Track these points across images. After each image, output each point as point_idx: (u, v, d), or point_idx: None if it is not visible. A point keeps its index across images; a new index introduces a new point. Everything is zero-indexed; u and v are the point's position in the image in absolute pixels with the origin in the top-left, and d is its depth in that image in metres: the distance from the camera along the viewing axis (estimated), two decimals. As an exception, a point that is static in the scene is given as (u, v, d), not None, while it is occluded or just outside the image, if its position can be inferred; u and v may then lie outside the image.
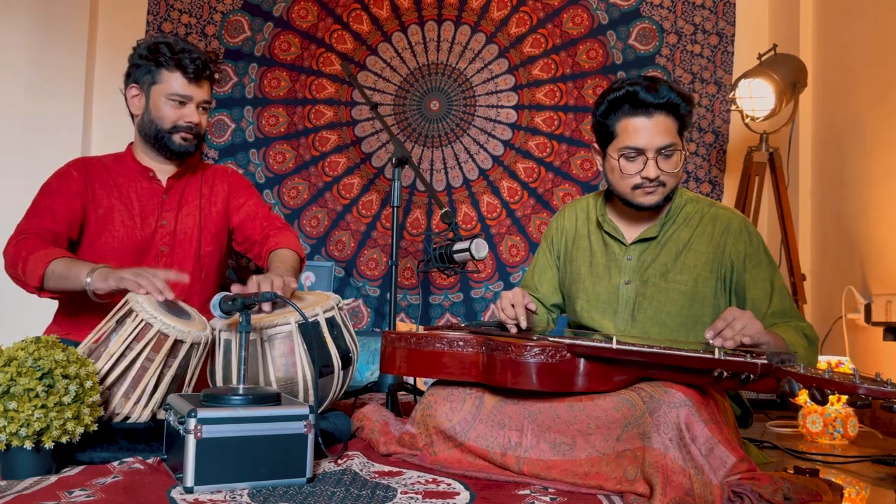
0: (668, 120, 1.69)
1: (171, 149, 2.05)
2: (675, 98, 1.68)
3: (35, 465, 1.38)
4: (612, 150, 1.75)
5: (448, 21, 3.60)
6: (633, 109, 1.69)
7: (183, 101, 2.02)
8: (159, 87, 2.01)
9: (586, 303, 1.87)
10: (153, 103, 2.02)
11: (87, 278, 1.75)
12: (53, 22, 3.38)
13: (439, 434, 1.62)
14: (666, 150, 1.69)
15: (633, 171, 1.72)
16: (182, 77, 2.00)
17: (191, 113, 2.03)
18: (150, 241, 2.06)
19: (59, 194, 2.00)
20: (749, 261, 1.75)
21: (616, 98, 1.71)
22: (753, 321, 1.46)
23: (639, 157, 1.71)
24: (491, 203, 3.53)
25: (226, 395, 1.44)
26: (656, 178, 1.70)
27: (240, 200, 2.20)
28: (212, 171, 2.23)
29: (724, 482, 1.31)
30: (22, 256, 1.84)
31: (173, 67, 1.99)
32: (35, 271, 1.81)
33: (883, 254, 2.44)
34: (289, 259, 2.05)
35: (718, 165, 3.44)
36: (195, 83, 2.02)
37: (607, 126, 1.74)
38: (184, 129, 2.03)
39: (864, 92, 2.65)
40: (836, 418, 2.13)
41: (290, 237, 2.15)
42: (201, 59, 2.02)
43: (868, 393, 1.17)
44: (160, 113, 2.02)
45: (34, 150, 3.25)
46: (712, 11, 3.46)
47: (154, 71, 2.00)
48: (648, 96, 1.67)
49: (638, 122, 1.69)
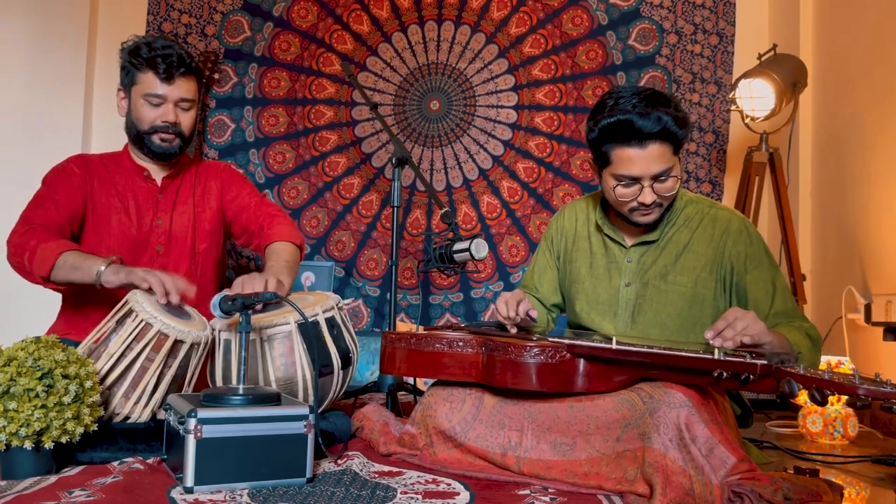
0: (662, 147, 1.65)
1: (151, 150, 2.04)
2: (670, 125, 1.62)
3: (35, 465, 1.38)
4: (608, 175, 1.73)
5: (448, 21, 3.60)
6: (627, 139, 1.65)
7: (159, 101, 2.01)
8: (137, 88, 2.01)
9: (586, 304, 1.87)
10: (133, 105, 2.03)
11: (101, 268, 1.76)
12: (54, 21, 3.38)
13: (439, 434, 1.62)
14: (661, 175, 1.67)
15: (630, 197, 1.71)
16: (154, 76, 1.99)
17: (167, 112, 2.01)
18: (146, 240, 2.06)
19: (61, 187, 2.01)
20: (750, 262, 1.74)
21: (608, 126, 1.66)
22: (756, 321, 1.45)
23: (634, 185, 1.69)
24: (491, 203, 3.53)
25: (226, 395, 1.44)
26: (653, 203, 1.70)
27: (232, 194, 2.20)
28: (205, 167, 2.22)
29: (724, 482, 1.31)
30: (31, 246, 1.84)
31: (146, 68, 1.99)
32: (45, 261, 1.81)
33: (883, 254, 2.44)
34: (284, 253, 2.05)
35: (718, 165, 3.44)
36: (167, 82, 1.99)
37: (602, 151, 1.72)
38: (161, 129, 2.02)
39: (864, 92, 2.65)
40: (836, 418, 2.13)
41: (284, 228, 2.13)
42: (174, 57, 1.99)
43: (868, 393, 1.17)
44: (138, 114, 2.02)
45: (34, 148, 3.25)
46: (712, 11, 3.46)
47: (133, 73, 2.01)
48: (643, 124, 1.61)
49: (632, 152, 1.65)
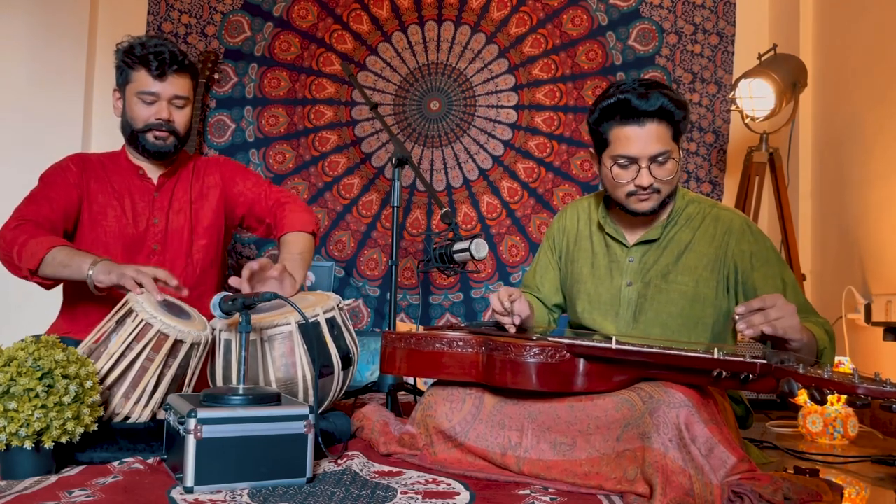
0: (660, 127, 1.66)
1: (146, 148, 2.05)
2: (667, 105, 1.65)
3: (35, 465, 1.38)
4: (606, 158, 1.74)
5: (448, 21, 3.60)
6: (625, 118, 1.67)
7: (152, 99, 2.01)
8: (130, 87, 2.02)
9: (588, 304, 1.86)
10: (127, 103, 2.04)
11: (90, 270, 1.75)
12: (54, 19, 3.38)
13: (439, 434, 1.62)
14: (659, 157, 1.68)
15: (627, 179, 1.71)
16: (147, 74, 2.00)
17: (160, 110, 2.01)
18: (142, 238, 2.07)
19: (57, 185, 2.01)
20: (756, 259, 1.73)
21: (608, 106, 1.69)
22: (793, 315, 1.40)
23: (632, 166, 1.69)
24: (491, 203, 3.53)
25: (226, 395, 1.44)
26: (650, 186, 1.69)
27: (238, 187, 2.19)
28: (202, 163, 2.22)
29: (724, 482, 1.31)
30: (20, 241, 1.84)
31: (139, 66, 2.00)
32: (34, 255, 1.81)
33: (883, 254, 2.44)
34: (298, 244, 2.05)
35: (718, 165, 3.44)
36: (160, 79, 2.00)
37: (601, 133, 1.73)
38: (155, 126, 2.02)
39: (864, 92, 2.65)
40: (836, 418, 2.13)
41: (296, 216, 2.13)
42: (167, 54, 1.99)
43: (867, 393, 1.17)
44: (133, 113, 2.03)
45: (34, 146, 3.25)
46: (712, 11, 3.46)
47: (126, 72, 2.02)
48: (640, 104, 1.64)
49: (630, 130, 1.67)
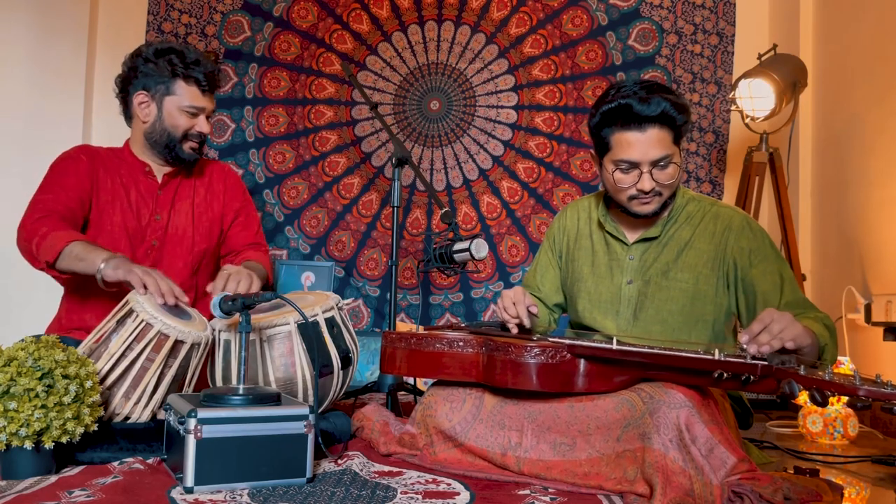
0: (662, 132, 1.66)
1: (180, 157, 2.09)
2: (669, 110, 1.64)
3: (35, 465, 1.38)
4: (608, 161, 1.73)
5: (448, 21, 3.59)
6: (626, 123, 1.66)
7: (196, 112, 2.07)
8: (174, 99, 2.05)
9: (588, 303, 1.87)
10: (167, 113, 2.06)
11: (102, 264, 1.77)
12: (54, 20, 3.38)
13: (439, 434, 1.62)
14: (661, 162, 1.68)
15: (629, 184, 1.71)
16: (197, 89, 2.06)
17: (202, 123, 2.08)
18: (143, 232, 2.08)
19: (69, 173, 2.03)
20: (755, 256, 1.73)
21: (608, 110, 1.68)
22: (794, 323, 1.38)
23: (633, 170, 1.69)
24: (491, 203, 3.53)
25: (226, 395, 1.45)
26: (651, 190, 1.70)
27: (234, 206, 2.24)
28: (210, 168, 2.25)
29: (724, 482, 1.31)
30: (41, 233, 1.85)
31: (190, 80, 2.05)
32: (53, 247, 1.82)
33: (883, 254, 2.44)
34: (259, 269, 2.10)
35: (718, 165, 3.44)
36: (208, 94, 2.09)
37: (602, 137, 1.72)
38: (194, 137, 2.09)
39: (864, 92, 2.65)
40: (836, 418, 2.13)
41: (264, 258, 2.23)
42: (213, 70, 2.08)
43: (868, 395, 1.17)
44: (174, 122, 2.06)
45: (34, 146, 3.24)
46: (712, 11, 3.46)
47: (168, 81, 2.04)
48: (642, 109, 1.63)
49: (631, 136, 1.66)
